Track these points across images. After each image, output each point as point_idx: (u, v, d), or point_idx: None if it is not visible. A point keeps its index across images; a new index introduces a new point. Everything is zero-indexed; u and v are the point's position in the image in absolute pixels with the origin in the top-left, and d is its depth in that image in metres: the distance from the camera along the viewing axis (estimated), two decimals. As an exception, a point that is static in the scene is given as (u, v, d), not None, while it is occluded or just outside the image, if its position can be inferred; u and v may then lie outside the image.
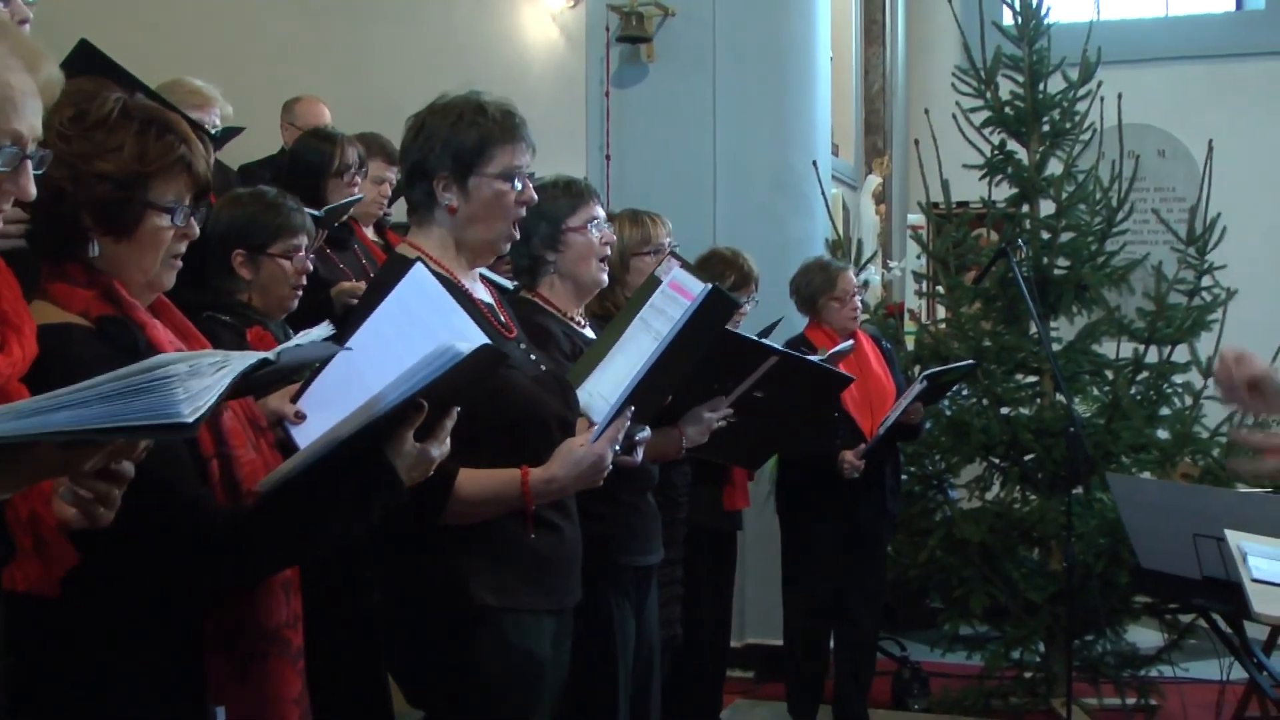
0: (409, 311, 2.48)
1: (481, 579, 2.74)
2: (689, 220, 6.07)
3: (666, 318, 2.97)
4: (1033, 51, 6.64)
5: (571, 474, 2.75)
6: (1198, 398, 6.43)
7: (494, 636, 2.75)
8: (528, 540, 2.80)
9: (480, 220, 2.82)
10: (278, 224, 3.50)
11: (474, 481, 2.69)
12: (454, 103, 2.82)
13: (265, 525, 2.10)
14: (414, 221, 2.89)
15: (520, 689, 2.79)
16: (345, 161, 4.53)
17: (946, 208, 6.78)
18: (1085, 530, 6.12)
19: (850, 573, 5.70)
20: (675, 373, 2.98)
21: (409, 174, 2.85)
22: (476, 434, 2.50)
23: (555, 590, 2.89)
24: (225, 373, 1.66)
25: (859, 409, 5.52)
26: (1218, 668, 5.03)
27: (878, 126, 10.17)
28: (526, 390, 2.81)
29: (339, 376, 2.45)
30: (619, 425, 2.77)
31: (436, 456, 2.26)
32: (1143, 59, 10.26)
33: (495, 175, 2.79)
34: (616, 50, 7.17)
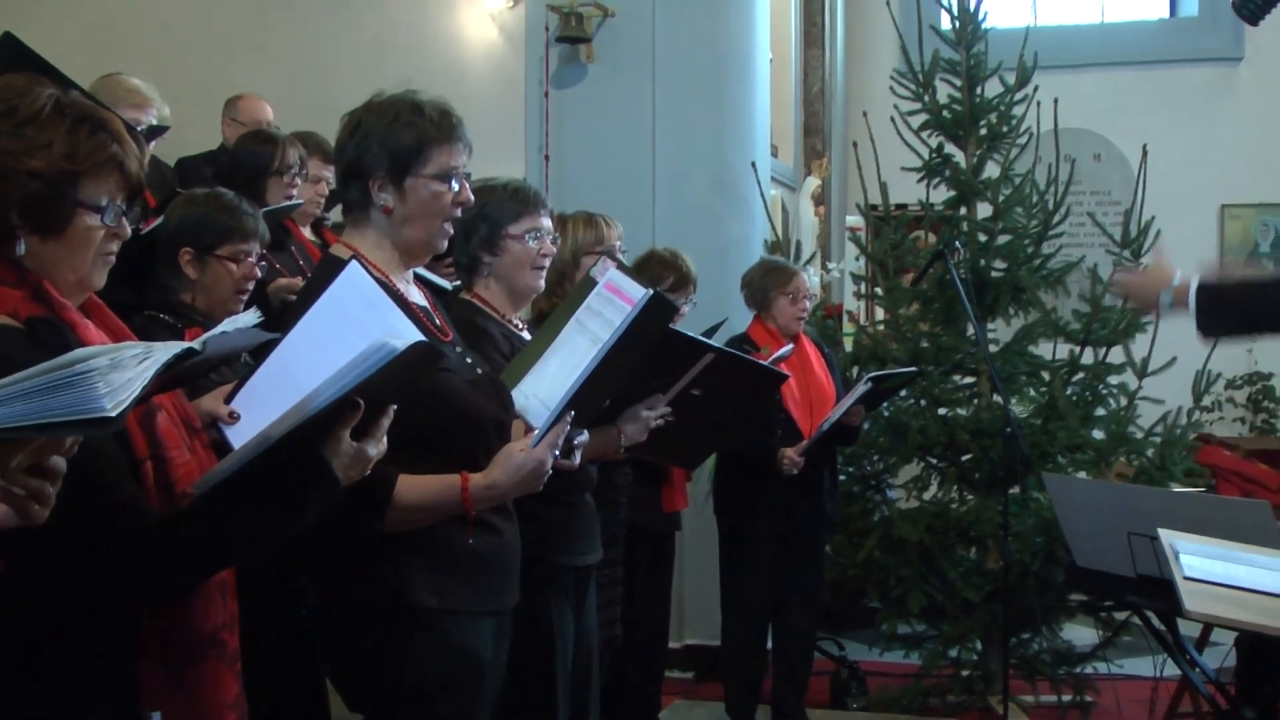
0: (344, 311, 2.46)
1: (421, 580, 2.73)
2: (628, 221, 6.02)
3: (604, 320, 2.96)
4: (970, 56, 6.68)
5: (512, 479, 2.74)
6: (1133, 398, 6.50)
7: (434, 638, 2.74)
8: (465, 541, 2.79)
9: (416, 221, 2.80)
10: (229, 226, 3.48)
11: (413, 488, 2.68)
12: (390, 102, 2.80)
13: (200, 527, 2.08)
14: (349, 221, 2.87)
15: (461, 691, 2.78)
16: (286, 162, 4.52)
17: (885, 210, 6.81)
18: (1022, 529, 6.17)
19: (788, 573, 5.73)
20: (615, 377, 2.97)
21: (344, 173, 2.82)
22: (413, 437, 2.49)
23: (495, 591, 2.88)
24: (148, 364, 1.64)
25: (799, 408, 5.56)
26: (1151, 664, 5.08)
27: (817, 128, 10.20)
28: (463, 393, 2.80)
29: (273, 376, 2.42)
30: (559, 430, 2.77)
31: (373, 455, 2.25)
32: (1078, 64, 10.36)
33: (432, 176, 2.77)
34: (556, 51, 7.16)
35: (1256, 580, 3.52)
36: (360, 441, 2.20)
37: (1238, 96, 10.86)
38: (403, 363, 2.10)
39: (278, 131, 4.73)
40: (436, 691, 2.74)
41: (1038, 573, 6.12)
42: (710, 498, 5.95)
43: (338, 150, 2.85)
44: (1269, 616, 3.38)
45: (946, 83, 6.74)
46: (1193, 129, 10.65)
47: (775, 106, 8.24)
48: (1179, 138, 10.22)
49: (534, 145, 7.15)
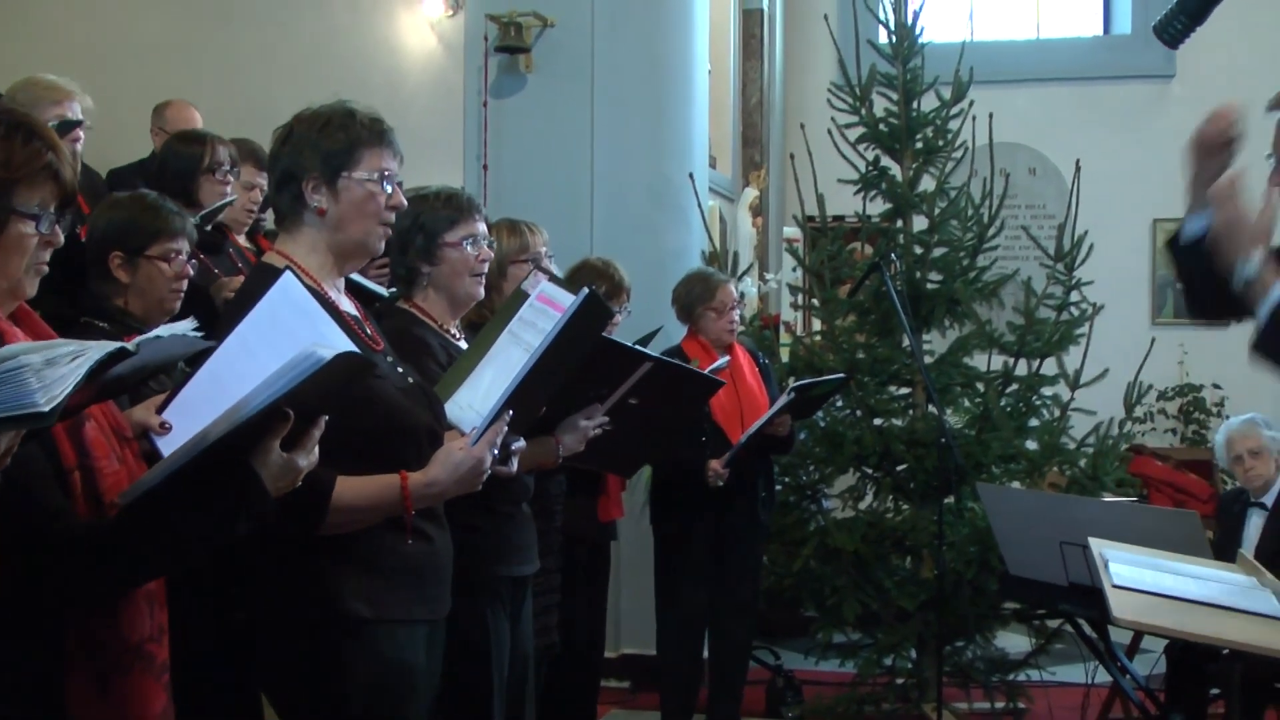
0: (277, 321, 2.45)
1: (353, 589, 2.72)
2: (566, 231, 6.09)
3: (537, 330, 2.96)
4: (906, 70, 6.72)
5: (451, 477, 2.75)
6: (1065, 409, 6.57)
7: (367, 647, 2.73)
8: (400, 549, 2.79)
9: (350, 222, 2.79)
10: (156, 226, 3.46)
11: (352, 488, 2.67)
12: (322, 110, 2.82)
13: (126, 537, 2.05)
14: (283, 228, 2.86)
15: (394, 700, 2.77)
16: (216, 159, 4.48)
17: (822, 221, 6.85)
18: (956, 539, 6.22)
19: (723, 583, 5.74)
20: (552, 380, 2.98)
21: (278, 180, 2.82)
22: (345, 444, 2.49)
23: (428, 599, 2.88)
24: (81, 361, 1.63)
25: (728, 419, 5.57)
26: (1083, 671, 5.15)
27: (755, 140, 10.24)
28: (394, 401, 2.80)
29: (206, 386, 2.40)
30: (497, 428, 2.78)
31: (304, 467, 2.24)
32: (1014, 79, 10.47)
33: (365, 176, 2.78)
34: (495, 60, 7.16)
35: (1184, 589, 3.56)
36: (291, 452, 2.19)
37: (1170, 113, 10.98)
38: (331, 372, 2.10)
39: (205, 131, 4.70)
40: (370, 701, 2.72)
41: (972, 581, 6.17)
42: (647, 507, 5.96)
43: (271, 160, 2.86)
44: (1196, 624, 3.42)
45: (883, 96, 6.79)
46: (1126, 144, 10.78)
47: (714, 118, 8.27)
48: (1112, 153, 10.35)
49: (472, 154, 7.14)
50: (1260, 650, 3.32)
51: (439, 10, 7.33)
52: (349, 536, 2.72)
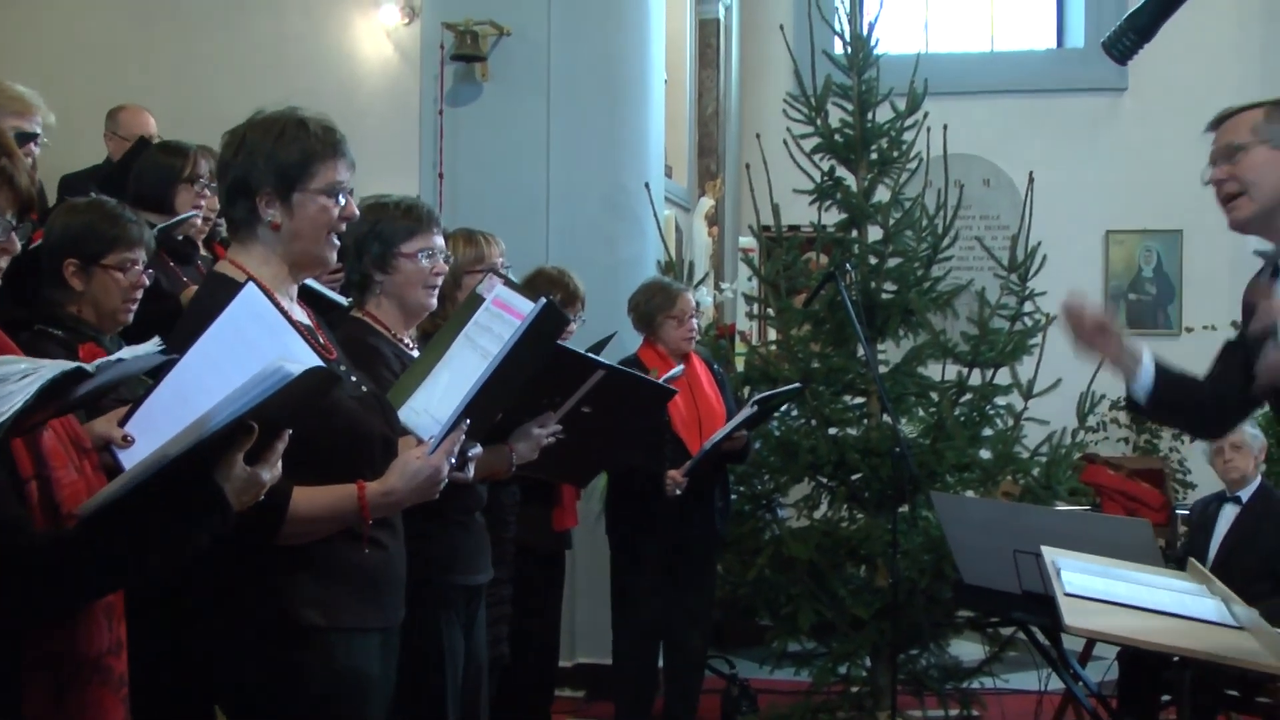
0: (241, 333, 2.43)
1: (307, 598, 2.71)
2: (521, 240, 6.08)
3: (493, 335, 2.96)
4: (862, 81, 6.75)
5: (409, 486, 2.75)
6: (1019, 419, 6.60)
7: (321, 656, 2.71)
8: (354, 558, 2.78)
9: (304, 236, 2.78)
10: (114, 235, 3.41)
11: (309, 498, 2.66)
12: (274, 118, 2.79)
13: (85, 550, 2.03)
14: (235, 239, 2.84)
15: (350, 708, 2.76)
16: (196, 172, 4.45)
17: (777, 231, 6.86)
18: (910, 547, 6.24)
19: (679, 592, 5.75)
20: (509, 389, 2.97)
21: (230, 191, 2.79)
22: (300, 454, 2.47)
23: (382, 608, 2.87)
24: (32, 379, 1.62)
25: (687, 429, 5.58)
26: (1036, 678, 5.17)
27: (711, 149, 10.27)
28: (349, 411, 2.79)
29: (169, 399, 2.37)
30: (455, 437, 2.78)
31: (267, 480, 2.23)
32: (968, 91, 10.55)
33: (319, 191, 2.76)
34: (451, 68, 7.15)
35: (1136, 596, 3.59)
36: (254, 466, 2.18)
37: (1122, 125, 11.11)
38: (297, 387, 2.09)
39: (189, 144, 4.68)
40: (326, 710, 2.71)
41: (926, 590, 6.20)
42: (602, 516, 5.96)
43: (222, 168, 2.83)
44: (1147, 631, 3.45)
45: (838, 107, 6.81)
46: (1079, 156, 10.88)
47: (670, 127, 8.29)
48: (1065, 165, 10.44)
49: (428, 162, 7.13)
50: (1209, 657, 3.35)
51: (395, 18, 7.33)
52: (303, 545, 2.70)
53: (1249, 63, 10.57)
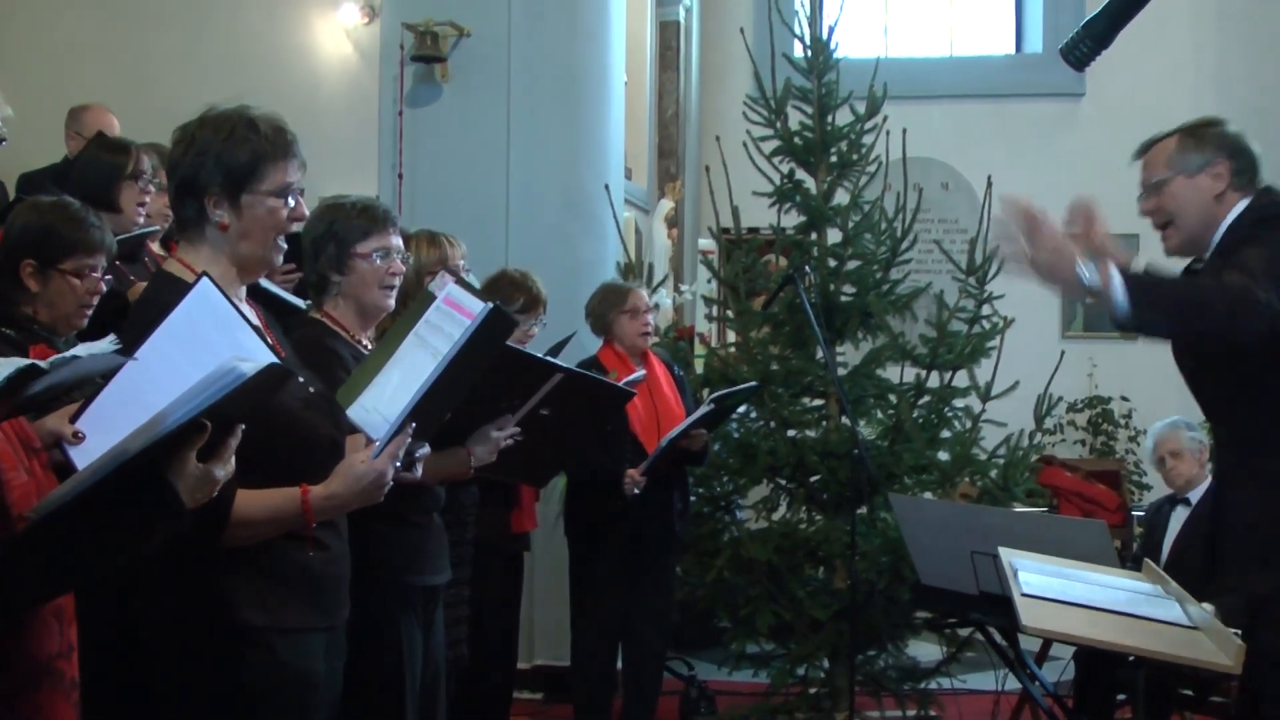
0: (195, 329, 2.41)
1: (249, 599, 2.69)
2: (481, 241, 6.07)
3: (444, 334, 2.94)
4: (822, 84, 6.77)
5: (352, 490, 2.72)
6: (977, 421, 6.63)
7: (265, 657, 2.70)
8: (297, 558, 2.76)
9: (252, 237, 2.77)
10: (75, 239, 3.34)
11: (253, 501, 2.64)
12: (225, 117, 2.77)
13: (37, 551, 2.02)
14: (183, 237, 2.82)
15: (294, 708, 2.75)
16: (139, 168, 4.42)
17: (737, 233, 6.87)
18: (868, 549, 6.26)
19: (637, 593, 5.75)
20: (456, 390, 2.96)
21: (179, 190, 2.77)
22: (244, 456, 2.46)
23: (325, 607, 2.86)
24: None
25: (645, 430, 5.58)
26: (994, 678, 5.19)
27: (671, 151, 10.28)
28: (294, 412, 2.77)
29: (121, 395, 2.35)
30: (399, 442, 2.75)
31: (220, 478, 2.21)
32: (927, 95, 10.60)
33: (268, 193, 2.75)
34: (411, 69, 7.13)
35: (1092, 596, 3.62)
36: (207, 463, 2.17)
37: (1080, 130, 11.19)
38: (252, 385, 2.08)
39: (130, 140, 4.63)
40: (270, 711, 2.70)
41: (884, 591, 6.21)
42: (561, 518, 5.95)
43: (171, 166, 2.80)
44: (1103, 631, 3.47)
45: (798, 110, 6.83)
46: (1037, 161, 10.94)
47: (630, 129, 8.29)
48: (1023, 169, 10.46)
49: (387, 163, 7.11)
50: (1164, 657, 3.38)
51: (355, 17, 7.30)
52: (246, 547, 2.68)
53: (1204, 69, 10.66)
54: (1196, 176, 3.42)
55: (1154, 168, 3.50)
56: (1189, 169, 3.42)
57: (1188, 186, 3.43)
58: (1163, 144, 3.50)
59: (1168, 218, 3.48)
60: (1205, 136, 3.45)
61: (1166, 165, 3.46)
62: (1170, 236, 3.50)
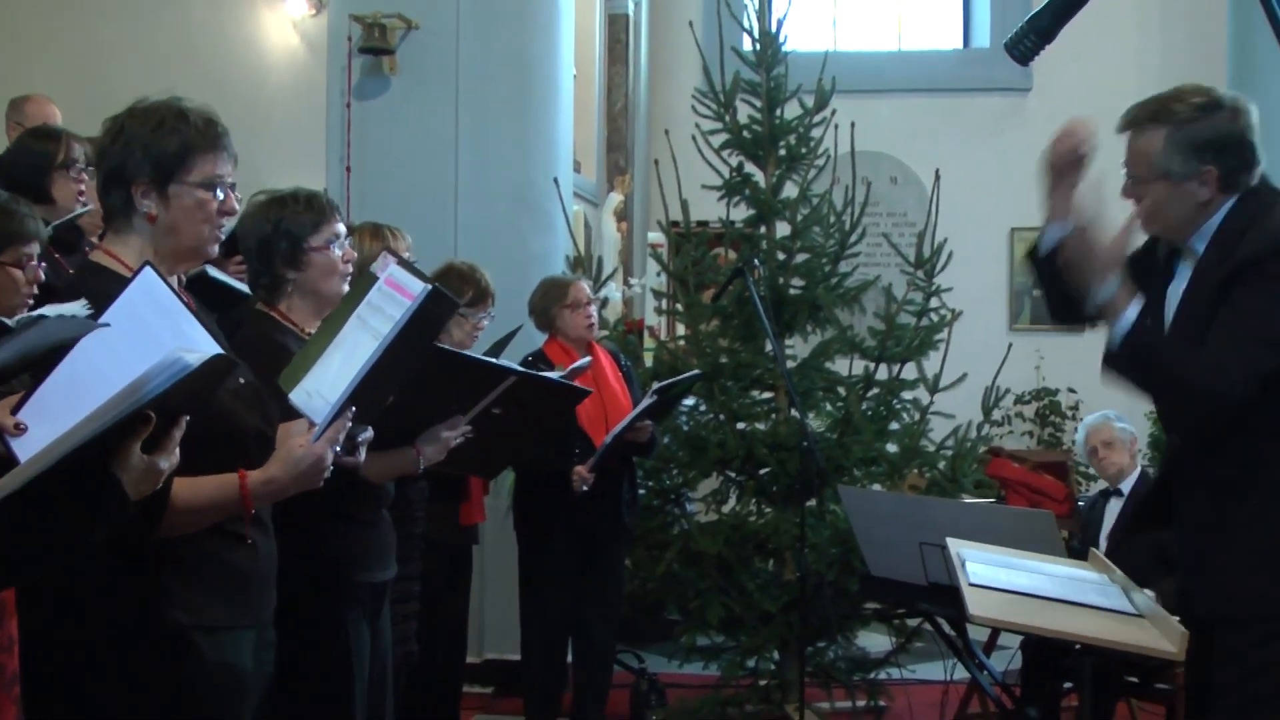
0: (137, 318, 2.39)
1: (174, 597, 2.66)
2: (430, 234, 6.04)
3: (385, 316, 2.91)
4: (770, 78, 6.78)
5: (291, 474, 2.69)
6: (925, 413, 6.67)
7: (192, 654, 2.68)
8: (223, 555, 2.75)
9: (180, 229, 2.74)
10: (10, 230, 3.30)
11: (190, 489, 2.61)
12: (155, 108, 2.74)
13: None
14: (111, 228, 2.79)
15: (223, 705, 2.74)
16: (70, 156, 4.36)
17: (686, 227, 6.88)
18: (818, 541, 6.28)
19: (587, 586, 5.75)
20: (398, 373, 2.94)
21: (106, 179, 2.74)
22: None
23: (252, 604, 2.84)
24: None
25: (593, 424, 5.57)
26: (942, 668, 5.23)
27: (620, 145, 10.28)
28: (221, 404, 2.73)
29: (64, 386, 2.32)
30: (339, 426, 2.73)
31: (165, 469, 2.20)
32: (876, 89, 10.64)
33: (197, 184, 2.72)
34: (359, 61, 7.08)
35: (1039, 586, 3.65)
36: (151, 455, 2.15)
37: (1027, 125, 11.24)
38: (197, 376, 2.06)
39: (60, 128, 4.57)
40: (196, 708, 2.68)
41: (833, 583, 6.24)
42: (510, 512, 5.94)
43: (99, 155, 2.77)
44: (1050, 620, 3.50)
45: (747, 103, 6.83)
46: (984, 155, 11.02)
47: (579, 122, 8.28)
48: (971, 163, 10.55)
49: (335, 156, 7.06)
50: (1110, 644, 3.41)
51: (302, 9, 7.25)
52: (171, 544, 2.65)
53: (1149, 64, 10.76)
54: (1182, 184, 3.17)
55: (1137, 163, 3.23)
56: (1173, 175, 3.16)
57: (1171, 192, 3.17)
58: (1149, 138, 3.19)
59: (1148, 213, 3.25)
60: (1195, 136, 3.15)
61: (1150, 166, 3.19)
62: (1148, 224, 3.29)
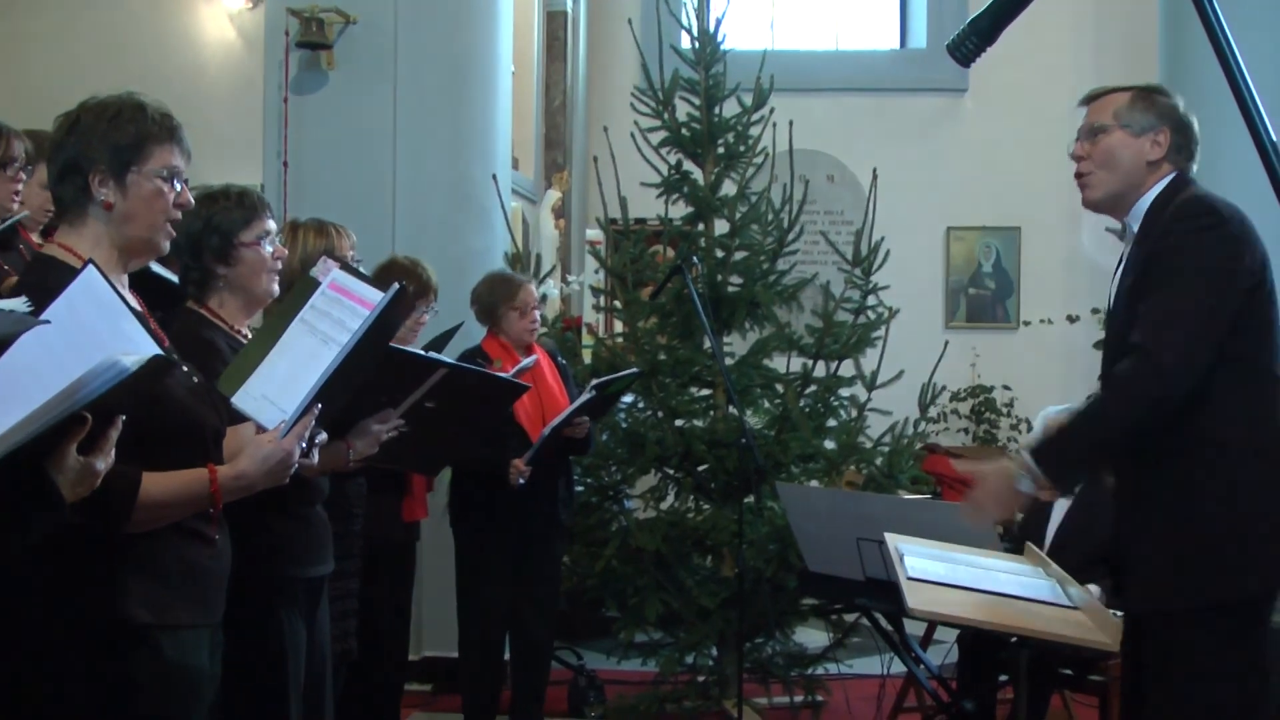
0: (78, 317, 2.36)
1: (137, 596, 2.65)
2: (368, 230, 6.01)
3: (333, 320, 2.91)
4: (709, 76, 6.80)
5: (260, 469, 2.73)
6: (862, 410, 6.72)
7: (153, 654, 2.67)
8: (186, 554, 2.74)
9: (138, 218, 2.74)
10: None
11: (160, 484, 2.62)
12: (111, 101, 2.75)
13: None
14: (65, 221, 2.77)
15: (181, 707, 2.72)
16: (10, 154, 4.29)
17: (624, 224, 6.89)
18: (756, 537, 6.31)
19: (525, 583, 5.73)
20: (356, 374, 2.94)
21: (62, 170, 2.73)
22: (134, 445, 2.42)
23: (209, 603, 2.84)
24: None
25: (530, 420, 5.56)
26: (879, 663, 5.26)
27: (558, 142, 10.28)
28: (183, 402, 2.74)
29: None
30: (307, 421, 2.76)
31: (101, 470, 2.18)
32: (814, 88, 10.68)
33: (154, 173, 2.73)
34: (296, 56, 7.03)
35: (976, 579, 3.69)
36: (88, 456, 2.13)
37: (962, 125, 11.37)
38: (135, 378, 2.05)
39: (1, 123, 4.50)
40: (156, 710, 2.67)
41: (771, 579, 6.27)
42: (447, 509, 5.93)
43: (54, 148, 2.76)
44: (988, 613, 3.54)
45: (686, 101, 6.85)
46: (920, 154, 11.11)
47: (517, 119, 8.26)
48: (908, 162, 10.63)
49: (272, 151, 7.00)
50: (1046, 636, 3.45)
51: (239, 2, 7.17)
52: (132, 540, 2.64)
53: (1082, 66, 10.86)
54: (1140, 137, 3.39)
55: (1100, 114, 3.46)
56: (1135, 127, 3.39)
57: (1128, 143, 3.39)
58: (1115, 95, 3.47)
59: (1093, 168, 3.44)
60: (1157, 102, 3.42)
61: (1114, 116, 3.42)
62: (1093, 188, 3.44)
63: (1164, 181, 3.39)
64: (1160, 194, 3.38)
